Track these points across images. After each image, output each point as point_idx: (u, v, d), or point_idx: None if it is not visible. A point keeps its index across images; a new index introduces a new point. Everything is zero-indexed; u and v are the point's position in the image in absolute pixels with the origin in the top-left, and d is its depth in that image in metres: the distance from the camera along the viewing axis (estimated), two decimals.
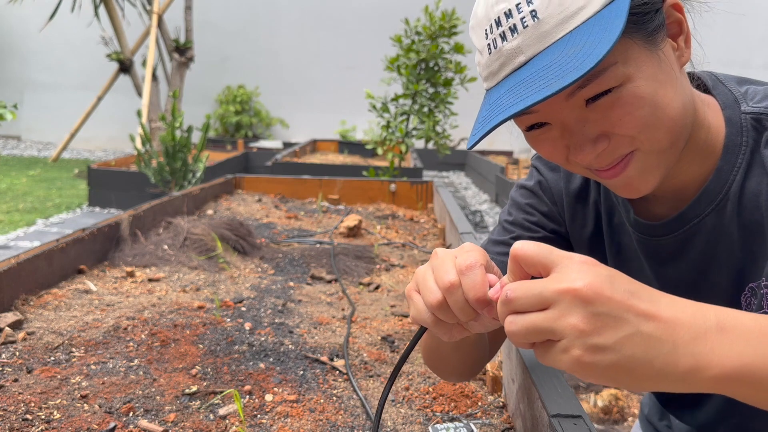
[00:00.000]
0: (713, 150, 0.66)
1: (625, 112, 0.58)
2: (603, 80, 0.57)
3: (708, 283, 0.71)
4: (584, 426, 0.75)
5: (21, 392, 0.94)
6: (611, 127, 0.59)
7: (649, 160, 0.61)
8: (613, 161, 0.62)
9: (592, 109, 0.59)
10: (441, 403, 0.98)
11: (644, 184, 0.63)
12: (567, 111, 0.60)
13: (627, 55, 0.57)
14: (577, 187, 0.81)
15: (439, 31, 4.19)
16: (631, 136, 0.60)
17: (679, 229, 0.69)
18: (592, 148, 0.60)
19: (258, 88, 9.41)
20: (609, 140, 0.60)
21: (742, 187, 0.65)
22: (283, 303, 1.42)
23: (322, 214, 2.49)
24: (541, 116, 0.61)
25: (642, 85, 0.58)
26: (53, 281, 1.45)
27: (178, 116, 4.07)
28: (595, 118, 0.59)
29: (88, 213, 5.07)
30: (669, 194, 0.70)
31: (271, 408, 0.94)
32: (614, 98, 0.58)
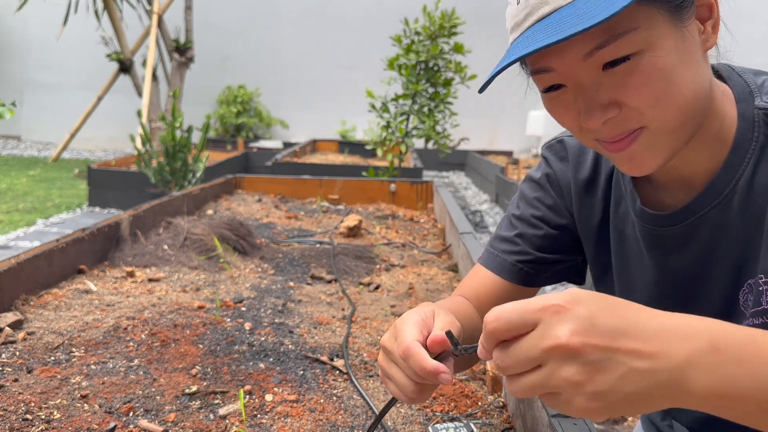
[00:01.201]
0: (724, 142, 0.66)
1: (639, 81, 0.58)
2: (622, 43, 0.57)
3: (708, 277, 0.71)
4: (584, 426, 0.75)
5: (21, 392, 0.94)
6: (623, 96, 0.59)
7: (656, 139, 0.61)
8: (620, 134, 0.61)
9: (608, 74, 0.59)
10: (441, 403, 0.98)
11: (647, 163, 0.63)
12: (584, 71, 0.60)
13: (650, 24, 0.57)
14: (585, 177, 0.81)
15: (439, 31, 4.19)
16: (641, 110, 0.60)
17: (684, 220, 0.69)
18: (601, 113, 0.60)
19: (259, 89, 9.41)
20: (620, 110, 0.60)
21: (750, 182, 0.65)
22: (283, 303, 1.42)
23: (322, 214, 2.49)
24: (558, 76, 0.62)
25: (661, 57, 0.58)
26: (53, 281, 1.45)
27: (178, 116, 4.07)
28: (610, 83, 0.59)
29: (88, 213, 5.07)
30: (676, 183, 0.70)
31: (271, 408, 0.94)
32: (631, 66, 0.58)
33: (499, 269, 0.84)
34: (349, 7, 9.50)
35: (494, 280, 0.84)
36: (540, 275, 0.85)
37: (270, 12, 9.50)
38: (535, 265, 0.84)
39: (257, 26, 9.50)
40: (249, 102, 9.33)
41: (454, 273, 1.74)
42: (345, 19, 9.52)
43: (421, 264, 1.83)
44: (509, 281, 0.84)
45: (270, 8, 9.49)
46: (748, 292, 0.68)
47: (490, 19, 9.19)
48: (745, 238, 0.66)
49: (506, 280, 0.84)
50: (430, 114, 4.28)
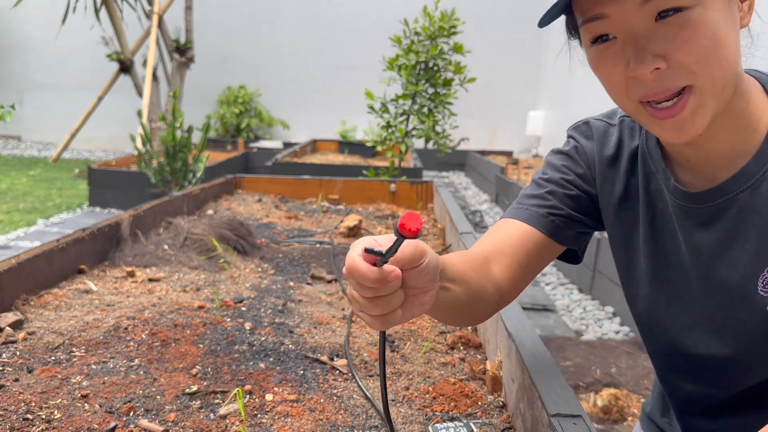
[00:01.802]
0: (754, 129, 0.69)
1: (689, 36, 0.61)
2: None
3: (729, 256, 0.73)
4: (584, 426, 0.75)
5: (21, 392, 0.94)
6: (673, 49, 0.62)
7: (703, 99, 0.63)
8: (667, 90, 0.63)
9: (661, 24, 0.62)
10: (441, 403, 0.98)
11: (693, 127, 0.65)
12: (638, 19, 0.62)
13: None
14: (609, 154, 0.84)
15: (439, 31, 4.19)
16: (689, 66, 0.62)
17: (714, 200, 0.72)
18: (651, 62, 0.62)
19: (259, 89, 9.41)
20: (668, 64, 0.62)
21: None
22: (284, 303, 1.42)
23: (322, 214, 2.49)
24: (611, 24, 0.64)
25: (712, 16, 0.60)
26: (53, 281, 1.45)
27: (178, 116, 4.07)
28: (662, 35, 0.62)
29: (88, 213, 5.07)
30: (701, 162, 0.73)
31: (272, 408, 0.94)
32: (683, 20, 0.61)
33: (529, 219, 0.85)
34: (349, 8, 9.50)
35: (523, 229, 0.84)
36: (568, 231, 0.86)
37: (270, 12, 9.49)
38: (565, 219, 0.85)
39: (257, 26, 9.50)
40: (249, 102, 9.33)
41: None
42: (345, 20, 9.52)
43: None
44: (539, 230, 0.84)
45: (270, 8, 9.49)
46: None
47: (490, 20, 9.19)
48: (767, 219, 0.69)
49: (536, 229, 0.84)
50: (429, 114, 4.28)
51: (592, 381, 2.17)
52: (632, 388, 2.13)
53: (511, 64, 9.38)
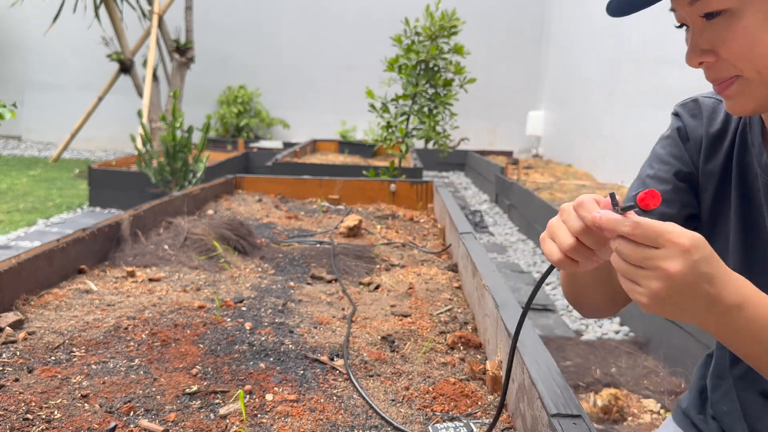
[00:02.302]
0: None
1: (729, 36, 0.69)
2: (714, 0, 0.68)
3: None
4: (584, 426, 0.75)
5: (22, 392, 0.94)
6: (718, 46, 0.70)
7: (749, 87, 0.71)
8: (717, 80, 0.73)
9: (709, 23, 0.70)
10: (441, 403, 0.98)
11: (741, 107, 0.74)
12: (691, 16, 0.71)
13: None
14: (716, 130, 0.88)
15: (439, 31, 4.19)
16: (733, 62, 0.70)
17: None
18: (698, 56, 0.72)
19: (259, 89, 9.41)
20: (716, 58, 0.71)
21: None
22: (284, 303, 1.42)
23: (323, 214, 2.49)
24: (680, 16, 0.74)
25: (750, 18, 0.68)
26: (54, 281, 1.45)
27: (178, 116, 4.07)
28: (710, 32, 0.70)
29: (88, 213, 5.07)
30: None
31: (272, 407, 0.94)
32: (725, 21, 0.69)
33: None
34: (349, 8, 9.50)
35: None
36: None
37: (270, 12, 9.49)
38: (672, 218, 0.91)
39: (257, 26, 9.50)
40: (249, 102, 9.33)
41: (454, 273, 1.74)
42: (345, 20, 9.52)
43: (421, 264, 1.83)
44: None
45: (270, 8, 9.48)
46: None
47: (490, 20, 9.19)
48: None
49: None
50: (430, 114, 4.28)
51: (591, 381, 2.17)
52: (632, 388, 2.13)
53: (512, 65, 9.38)
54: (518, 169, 6.63)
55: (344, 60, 9.46)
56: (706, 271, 0.59)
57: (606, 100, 6.56)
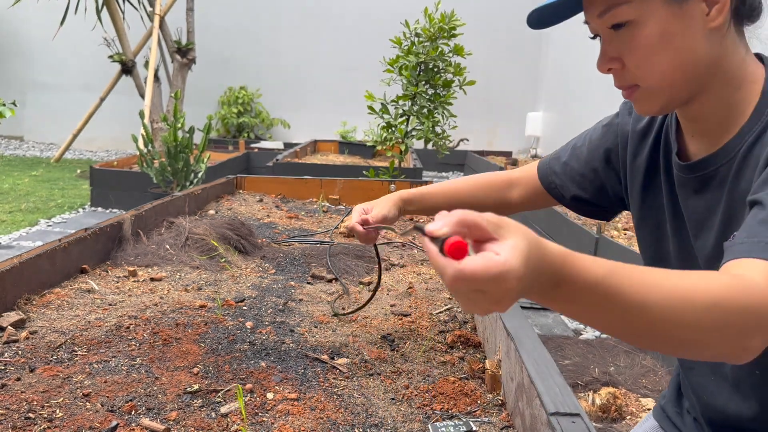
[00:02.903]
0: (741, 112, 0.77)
1: (632, 46, 0.75)
2: (619, 11, 0.74)
3: (709, 223, 0.81)
4: (582, 424, 0.76)
5: (23, 391, 0.95)
6: (623, 54, 0.76)
7: (648, 94, 0.78)
8: (622, 86, 0.79)
9: (616, 34, 0.76)
10: (440, 401, 0.99)
11: (645, 110, 0.80)
12: (601, 27, 0.77)
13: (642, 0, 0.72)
14: (641, 127, 0.94)
15: (439, 32, 4.19)
16: (632, 70, 0.76)
17: (699, 172, 0.82)
18: (607, 63, 0.78)
19: (259, 90, 9.42)
20: (622, 65, 0.77)
21: (750, 148, 0.75)
22: (284, 302, 1.42)
23: (323, 214, 2.50)
24: (592, 28, 0.79)
25: (649, 28, 0.73)
26: (56, 281, 1.45)
27: (179, 117, 4.08)
28: (616, 42, 0.77)
29: (90, 213, 5.08)
30: (699, 135, 0.83)
31: (272, 406, 0.95)
32: (629, 32, 0.75)
33: (543, 179, 1.10)
34: (349, 9, 9.50)
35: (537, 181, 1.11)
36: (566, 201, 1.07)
37: (271, 14, 9.50)
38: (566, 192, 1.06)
39: (258, 28, 9.51)
40: (250, 103, 9.34)
41: None
42: (345, 21, 9.52)
43: (421, 264, 1.83)
44: (545, 189, 1.09)
45: (271, 10, 9.49)
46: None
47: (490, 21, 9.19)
48: (735, 195, 0.77)
49: (543, 188, 1.10)
50: (429, 115, 4.29)
51: (590, 380, 2.18)
52: (630, 387, 2.13)
53: (511, 65, 9.38)
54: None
55: (344, 61, 9.46)
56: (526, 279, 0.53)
57: (605, 101, 6.55)
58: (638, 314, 0.56)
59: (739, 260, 0.62)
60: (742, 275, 0.59)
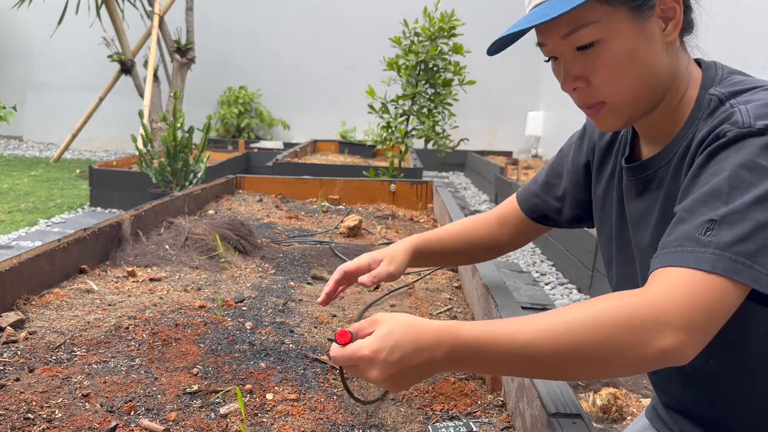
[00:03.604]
0: (681, 117, 0.81)
1: (600, 64, 0.76)
2: (586, 32, 0.74)
3: (647, 222, 0.85)
4: (583, 425, 0.76)
5: (23, 391, 0.95)
6: (589, 73, 0.77)
7: (614, 110, 0.79)
8: (587, 104, 0.80)
9: (580, 54, 0.77)
10: (440, 402, 0.99)
11: (609, 125, 0.81)
12: (563, 49, 0.77)
13: (610, 19, 0.73)
14: (608, 140, 0.97)
15: (438, 32, 4.19)
16: (600, 88, 0.77)
17: (640, 174, 0.85)
18: (572, 82, 0.79)
19: (259, 90, 9.42)
20: (587, 84, 0.78)
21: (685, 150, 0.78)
22: (284, 302, 1.42)
23: (323, 214, 2.49)
24: (550, 50, 0.79)
25: (617, 47, 0.74)
26: (55, 281, 1.45)
27: (179, 117, 4.08)
28: (581, 62, 0.77)
29: (89, 213, 5.08)
30: (649, 140, 0.86)
31: (272, 407, 0.95)
32: (595, 52, 0.75)
33: (523, 205, 1.11)
34: (349, 9, 9.50)
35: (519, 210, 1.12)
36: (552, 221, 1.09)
37: (271, 13, 9.50)
38: (550, 212, 1.08)
39: (258, 27, 9.51)
40: (250, 103, 9.34)
41: (454, 273, 1.74)
42: (345, 21, 9.52)
43: None
44: (527, 216, 1.11)
45: (270, 10, 9.49)
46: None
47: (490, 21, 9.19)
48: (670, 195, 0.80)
49: (525, 215, 1.11)
50: (429, 114, 4.29)
51: (590, 380, 2.18)
52: (631, 387, 2.13)
53: (511, 65, 9.38)
54: (518, 169, 6.63)
55: (344, 60, 9.46)
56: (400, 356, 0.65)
57: None
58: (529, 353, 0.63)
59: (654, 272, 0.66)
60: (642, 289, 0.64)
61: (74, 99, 9.07)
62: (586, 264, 3.70)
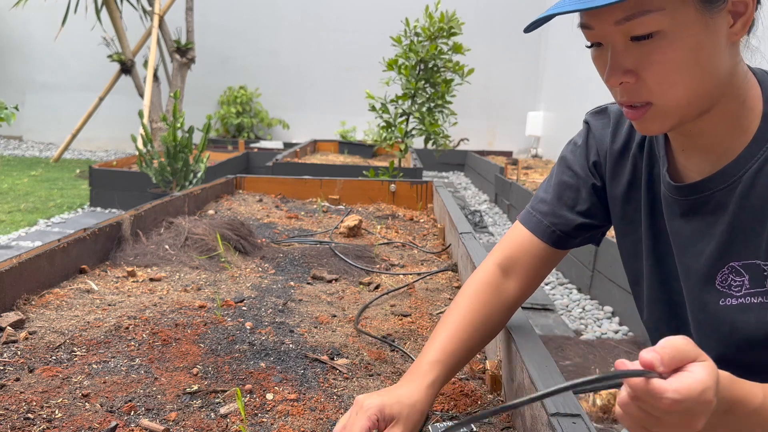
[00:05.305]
0: (743, 131, 0.73)
1: (656, 59, 0.67)
2: (648, 20, 0.65)
3: (696, 248, 0.79)
4: (583, 425, 0.76)
5: (22, 391, 0.95)
6: (641, 68, 0.68)
7: (661, 113, 0.70)
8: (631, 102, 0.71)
9: (634, 44, 0.67)
10: (440, 402, 0.99)
11: (653, 129, 0.73)
12: (615, 36, 0.68)
13: (677, 7, 0.64)
14: (620, 144, 0.89)
15: (438, 32, 4.20)
16: (651, 86, 0.68)
17: (693, 195, 0.77)
18: (620, 76, 0.69)
19: (258, 89, 9.42)
20: (636, 79, 0.69)
21: (755, 175, 0.71)
22: (284, 302, 1.42)
23: (323, 214, 2.49)
24: (597, 35, 0.70)
25: (679, 42, 0.65)
26: (55, 281, 1.45)
27: (179, 117, 4.08)
28: (634, 53, 0.68)
29: (89, 213, 5.08)
30: (695, 152, 0.77)
31: (272, 407, 0.95)
32: (653, 45, 0.66)
33: (535, 229, 0.94)
34: (349, 8, 9.50)
35: (531, 238, 0.94)
36: (572, 240, 0.94)
37: (270, 13, 9.50)
38: (568, 229, 0.93)
39: (258, 27, 9.51)
40: (249, 102, 9.34)
41: (454, 273, 1.74)
42: (344, 21, 9.52)
43: (421, 264, 1.83)
44: (543, 242, 0.94)
45: (270, 9, 9.49)
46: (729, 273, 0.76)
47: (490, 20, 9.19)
48: (737, 223, 0.73)
49: (540, 240, 0.94)
50: (429, 114, 4.29)
51: None
52: None
53: (511, 65, 9.38)
54: (518, 169, 6.63)
55: (344, 60, 9.47)
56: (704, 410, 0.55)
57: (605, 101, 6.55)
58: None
59: None
60: None
61: (74, 99, 9.07)
62: (586, 264, 3.70)
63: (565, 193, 0.94)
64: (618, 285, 3.24)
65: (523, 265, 0.94)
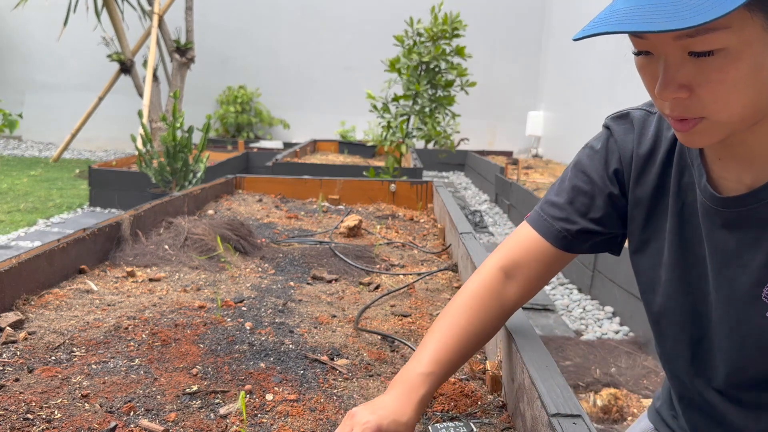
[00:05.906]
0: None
1: (715, 78, 0.63)
2: (711, 38, 0.61)
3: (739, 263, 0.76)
4: (584, 425, 0.75)
5: (22, 392, 0.95)
6: (697, 84, 0.65)
7: (713, 128, 0.68)
8: (682, 116, 0.68)
9: (691, 60, 0.64)
10: (441, 402, 0.98)
11: (701, 142, 0.70)
12: (672, 49, 0.65)
13: (742, 26, 0.61)
14: (646, 150, 0.86)
15: (441, 33, 4.20)
16: (706, 103, 0.65)
17: (738, 206, 0.74)
18: (674, 90, 0.66)
19: (258, 89, 9.42)
20: (690, 94, 0.66)
21: None
22: (284, 303, 1.42)
23: (323, 214, 2.49)
24: (649, 45, 0.66)
25: (742, 61, 0.62)
26: (54, 281, 1.45)
27: (178, 116, 4.08)
28: (691, 69, 0.64)
29: (89, 213, 5.08)
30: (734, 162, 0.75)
31: (272, 407, 0.94)
32: (713, 63, 0.63)
33: (545, 232, 0.92)
34: (349, 8, 9.50)
35: (539, 241, 0.92)
36: (581, 244, 0.92)
37: (270, 13, 9.50)
38: (578, 234, 0.91)
39: (258, 27, 9.51)
40: (249, 102, 9.34)
41: (454, 273, 1.74)
42: (345, 20, 9.52)
43: (421, 264, 1.83)
44: (552, 245, 0.91)
45: (270, 9, 9.49)
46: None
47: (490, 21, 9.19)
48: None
49: (549, 242, 0.91)
50: (431, 115, 4.29)
51: (591, 381, 2.17)
52: (632, 387, 2.13)
53: (511, 65, 9.39)
54: (518, 169, 6.63)
55: (344, 60, 9.47)
56: None
57: (606, 100, 6.56)
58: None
59: None
60: None
61: (74, 99, 9.07)
62: (586, 264, 3.70)
63: (578, 198, 0.91)
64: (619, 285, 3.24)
65: (528, 269, 0.92)
